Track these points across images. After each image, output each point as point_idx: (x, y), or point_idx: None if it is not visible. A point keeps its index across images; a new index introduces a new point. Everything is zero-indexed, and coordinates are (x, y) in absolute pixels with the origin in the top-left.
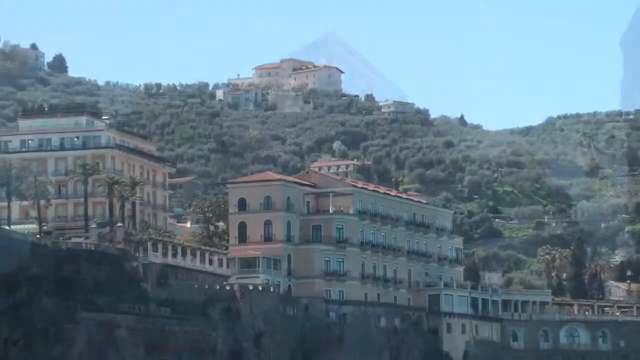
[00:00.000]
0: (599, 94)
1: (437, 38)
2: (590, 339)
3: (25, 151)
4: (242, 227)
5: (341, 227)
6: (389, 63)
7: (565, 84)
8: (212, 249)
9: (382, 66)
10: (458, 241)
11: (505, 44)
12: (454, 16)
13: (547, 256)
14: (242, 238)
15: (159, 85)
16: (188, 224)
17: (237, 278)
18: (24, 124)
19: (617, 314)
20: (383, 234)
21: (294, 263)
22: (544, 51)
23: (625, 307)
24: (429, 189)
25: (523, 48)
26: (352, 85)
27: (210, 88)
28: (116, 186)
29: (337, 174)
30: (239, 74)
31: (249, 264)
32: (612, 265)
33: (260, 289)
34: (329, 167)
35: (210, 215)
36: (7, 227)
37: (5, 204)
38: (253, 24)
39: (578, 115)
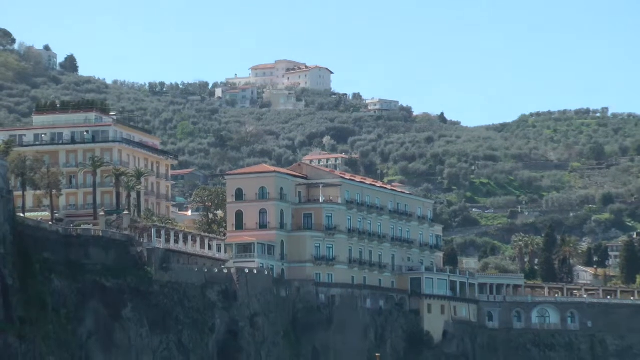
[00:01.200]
0: (569, 93)
1: (418, 40)
2: (560, 319)
3: (39, 144)
4: (239, 215)
5: (330, 215)
6: (376, 63)
7: (537, 84)
8: (211, 235)
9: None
10: (438, 229)
11: (483, 47)
12: (436, 23)
13: (520, 243)
14: (239, 225)
15: (162, 84)
16: (189, 212)
17: (234, 262)
18: (37, 119)
19: (585, 296)
20: (369, 222)
21: (287, 248)
22: (518, 54)
23: (592, 290)
24: (411, 181)
25: (499, 51)
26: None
27: (209, 87)
28: (123, 177)
29: (326, 166)
30: (236, 74)
31: (245, 249)
32: (580, 252)
33: (256, 272)
34: (319, 160)
35: (210, 204)
36: (22, 215)
37: (20, 193)
38: (249, 27)
39: (549, 113)
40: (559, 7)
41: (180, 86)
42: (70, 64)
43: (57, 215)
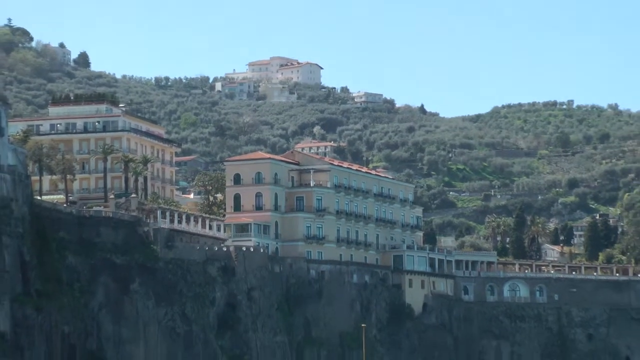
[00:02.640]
0: (538, 87)
1: (401, 39)
2: (529, 293)
3: (54, 133)
4: (237, 198)
5: (320, 198)
6: (362, 59)
7: (509, 78)
8: (211, 216)
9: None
10: (418, 210)
11: (460, 44)
12: (417, 23)
13: (493, 223)
14: (237, 207)
15: (167, 79)
16: (191, 195)
17: (232, 241)
18: (53, 110)
19: (552, 272)
20: (355, 204)
21: (281, 228)
22: (492, 51)
23: (559, 266)
24: (394, 167)
25: (475, 49)
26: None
27: (210, 81)
28: (131, 163)
29: (317, 153)
30: (234, 69)
31: (242, 229)
32: (547, 231)
33: (252, 250)
34: (310, 148)
35: (210, 188)
36: (39, 198)
37: (38, 178)
38: (247, 27)
39: (519, 105)
40: (529, 7)
41: (184, 80)
42: (83, 60)
43: (71, 198)
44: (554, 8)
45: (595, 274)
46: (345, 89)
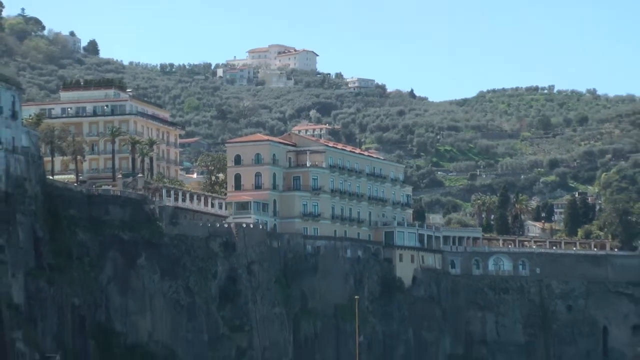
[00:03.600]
0: (521, 73)
1: (392, 28)
2: (512, 266)
3: (65, 117)
4: (238, 177)
5: (316, 178)
6: (355, 47)
7: (493, 65)
8: (213, 195)
9: (350, 49)
10: (408, 189)
11: (448, 32)
12: (406, 12)
13: (479, 201)
14: (238, 186)
15: (171, 65)
16: (194, 175)
17: (233, 218)
18: (64, 95)
19: (534, 247)
20: (349, 183)
21: (279, 206)
22: (478, 39)
23: (540, 242)
24: (385, 148)
25: (461, 37)
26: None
27: (212, 67)
28: (137, 145)
29: (312, 136)
30: (235, 56)
31: (242, 206)
32: (529, 209)
33: (252, 226)
34: (306, 131)
35: (212, 168)
36: (51, 177)
37: (50, 158)
38: (247, 16)
39: (503, 89)
40: None
41: (187, 67)
42: (92, 47)
43: (81, 177)
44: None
45: (574, 248)
46: (339, 75)
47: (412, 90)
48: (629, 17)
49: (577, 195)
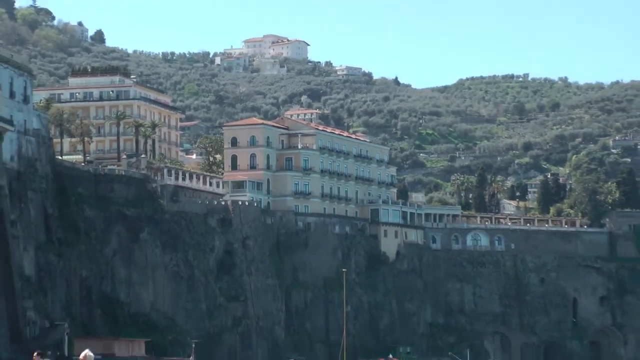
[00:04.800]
0: (497, 62)
1: (378, 19)
2: (489, 242)
3: (74, 101)
4: (234, 158)
5: (307, 159)
6: (344, 37)
7: (472, 54)
8: (211, 174)
9: (338, 40)
10: (392, 170)
11: (430, 24)
12: (391, 6)
13: (458, 181)
14: (234, 166)
15: (172, 53)
16: (194, 156)
17: (230, 196)
18: (72, 81)
19: (509, 224)
20: (337, 164)
21: (272, 185)
22: (457, 29)
23: (515, 219)
24: (371, 131)
25: (442, 26)
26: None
27: (210, 56)
28: (141, 128)
29: (304, 120)
30: (232, 46)
31: (238, 185)
32: (505, 188)
33: (247, 204)
34: (298, 115)
35: (210, 149)
36: (60, 157)
37: (59, 140)
38: (243, 8)
39: (481, 77)
40: None
41: (187, 55)
42: (99, 37)
43: (88, 158)
44: None
45: (546, 225)
46: (329, 63)
47: (396, 78)
48: (598, 10)
49: (549, 176)
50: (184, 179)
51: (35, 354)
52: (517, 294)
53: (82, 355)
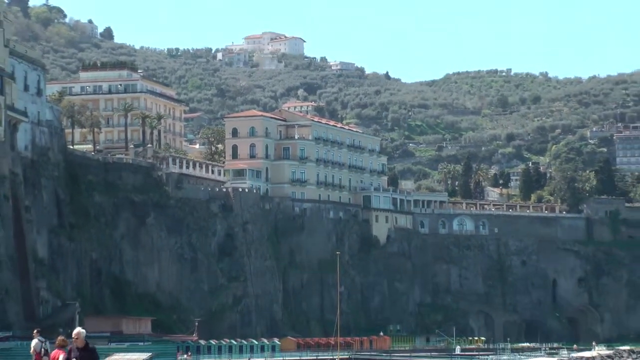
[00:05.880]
0: (482, 57)
1: (370, 17)
2: (474, 226)
3: (84, 94)
4: (235, 148)
5: (303, 148)
6: (338, 35)
7: (458, 50)
8: (213, 163)
9: (333, 37)
10: (383, 159)
11: (419, 20)
12: (383, 3)
13: (445, 169)
14: (234, 155)
15: (177, 49)
16: (197, 146)
17: (231, 183)
18: (83, 75)
19: (493, 209)
20: (332, 153)
21: (270, 173)
22: (445, 26)
23: (498, 205)
24: (364, 123)
25: (431, 24)
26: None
27: (212, 52)
28: (147, 119)
29: (300, 112)
30: (233, 42)
31: (239, 173)
32: (489, 176)
33: (247, 191)
34: (295, 107)
35: (212, 139)
36: (71, 147)
37: (70, 130)
38: (244, 7)
39: (467, 72)
40: None
41: (191, 51)
42: (108, 33)
43: (97, 147)
44: None
45: (528, 211)
46: (324, 59)
47: (387, 73)
48: (576, 10)
49: (530, 165)
50: (187, 167)
51: (35, 331)
52: (500, 275)
53: (74, 332)
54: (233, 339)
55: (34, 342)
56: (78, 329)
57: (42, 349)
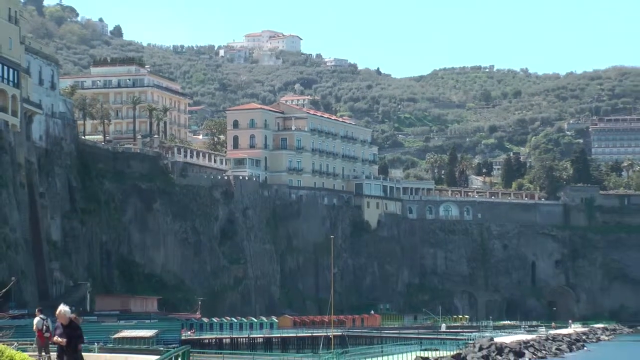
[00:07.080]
0: (466, 54)
1: (362, 16)
2: (459, 212)
3: (95, 88)
4: (235, 138)
5: (299, 139)
6: (332, 33)
7: (445, 47)
8: (215, 152)
9: (328, 35)
10: (375, 149)
11: (408, 19)
12: (373, 4)
13: (432, 159)
14: (235, 146)
15: (182, 46)
16: (200, 136)
17: (232, 171)
18: (94, 70)
19: (476, 196)
20: (326, 144)
21: (269, 162)
22: (432, 25)
23: (481, 192)
24: (356, 115)
25: (419, 22)
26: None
27: (215, 48)
28: (154, 111)
29: (297, 105)
30: (234, 40)
31: (240, 162)
32: (473, 165)
33: (247, 178)
34: (292, 101)
35: (215, 131)
36: (83, 137)
37: (82, 122)
38: (245, 7)
39: (453, 68)
40: None
41: (195, 48)
42: (118, 31)
43: (107, 137)
44: None
45: (509, 198)
46: (319, 56)
47: (378, 69)
48: (555, 9)
49: (511, 155)
50: (191, 156)
51: (37, 310)
52: (482, 257)
53: (57, 310)
54: (234, 317)
55: (36, 319)
56: (60, 307)
57: (44, 326)
